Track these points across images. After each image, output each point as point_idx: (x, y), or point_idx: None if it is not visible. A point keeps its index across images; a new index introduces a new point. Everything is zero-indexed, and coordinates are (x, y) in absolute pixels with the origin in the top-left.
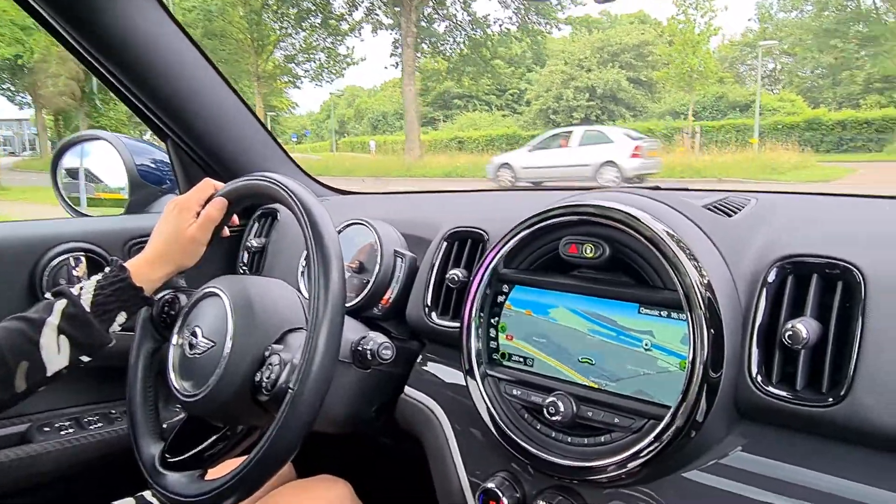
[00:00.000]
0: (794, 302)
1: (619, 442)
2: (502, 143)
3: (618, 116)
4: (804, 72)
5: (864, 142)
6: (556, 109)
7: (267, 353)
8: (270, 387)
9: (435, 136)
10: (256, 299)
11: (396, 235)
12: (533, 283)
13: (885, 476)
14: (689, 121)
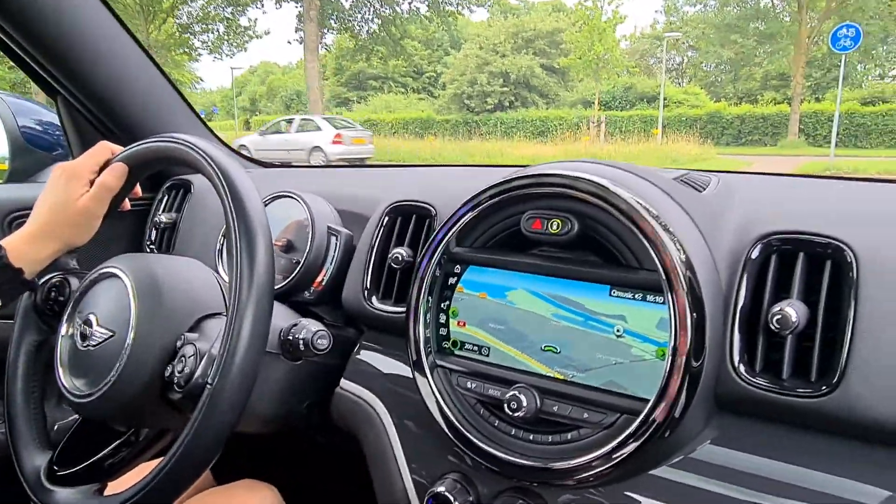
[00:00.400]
0: (777, 283)
1: (589, 439)
2: (416, 127)
3: (531, 103)
4: (707, 66)
5: (761, 136)
6: (471, 94)
7: (179, 344)
8: (184, 382)
9: (348, 117)
10: (165, 280)
11: (330, 210)
12: (489, 263)
13: (876, 470)
14: (595, 110)
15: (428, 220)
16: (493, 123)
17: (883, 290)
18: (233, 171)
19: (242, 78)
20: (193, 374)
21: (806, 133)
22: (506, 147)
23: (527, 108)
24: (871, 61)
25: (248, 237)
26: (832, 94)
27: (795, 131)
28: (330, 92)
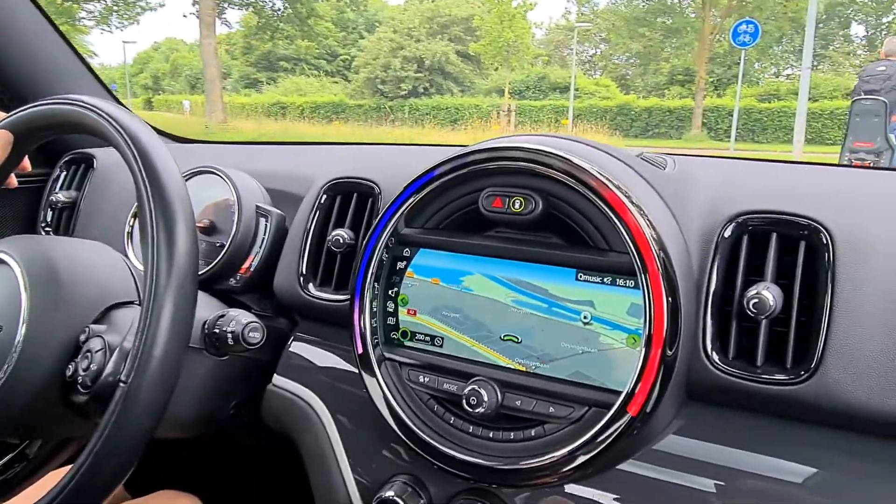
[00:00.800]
0: (748, 265)
1: (554, 435)
2: (328, 111)
3: (446, 90)
4: (618, 59)
5: (667, 129)
6: (384, 79)
7: (83, 338)
8: (90, 381)
9: (256, 100)
10: (63, 266)
11: (258, 188)
12: (442, 246)
13: (853, 458)
14: (505, 98)
15: (371, 199)
16: (406, 110)
17: (861, 272)
18: (146, 139)
19: (145, 54)
20: (102, 371)
21: (708, 127)
22: (416, 135)
23: (441, 95)
24: (768, 59)
25: (165, 216)
26: (733, 90)
27: (699, 125)
28: (238, 72)
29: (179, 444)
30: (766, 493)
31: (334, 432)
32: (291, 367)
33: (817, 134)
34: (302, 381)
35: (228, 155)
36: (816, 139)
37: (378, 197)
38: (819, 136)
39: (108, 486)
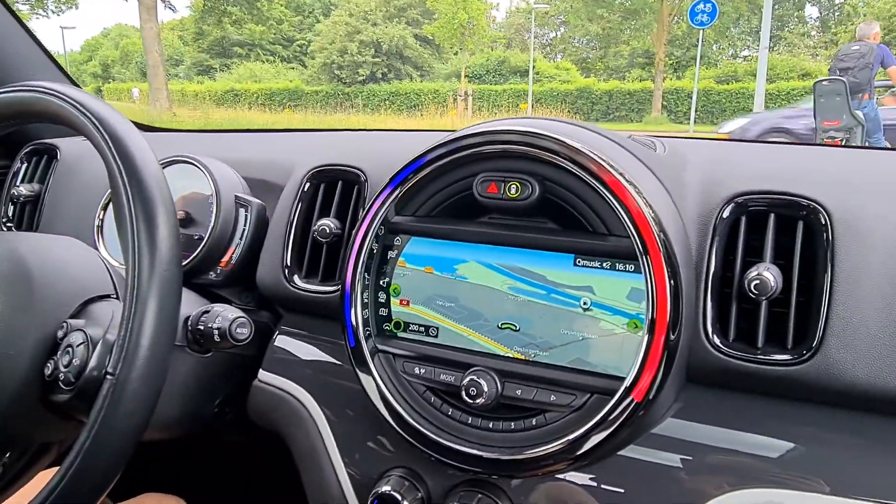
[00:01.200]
0: (746, 246)
1: (556, 424)
2: (283, 98)
3: (404, 75)
4: (579, 42)
5: (627, 112)
6: (341, 64)
7: (60, 334)
8: (74, 377)
9: (210, 87)
10: (33, 262)
11: (236, 178)
12: (434, 234)
13: (853, 436)
14: (462, 82)
15: (357, 186)
16: (365, 95)
17: (860, 252)
18: (120, 126)
19: (94, 41)
20: (85, 365)
21: (668, 109)
22: (371, 122)
23: (400, 80)
24: (725, 41)
25: (145, 208)
26: (692, 72)
27: (658, 108)
28: (191, 59)
29: (163, 445)
30: (767, 473)
31: (325, 427)
32: (277, 362)
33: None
34: (289, 376)
35: (203, 143)
36: None
37: (364, 185)
38: None
39: (100, 487)
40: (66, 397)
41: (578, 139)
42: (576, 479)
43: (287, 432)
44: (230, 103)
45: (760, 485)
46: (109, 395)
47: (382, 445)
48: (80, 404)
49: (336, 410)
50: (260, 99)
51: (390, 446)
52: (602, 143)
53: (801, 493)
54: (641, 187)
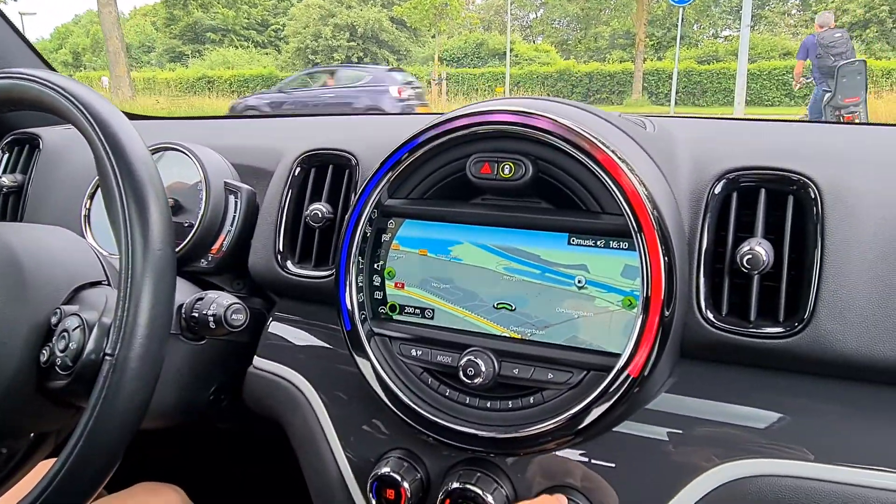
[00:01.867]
0: (738, 222)
1: (553, 401)
2: (257, 84)
3: (381, 59)
4: (558, 23)
5: (608, 94)
6: (316, 49)
7: (54, 320)
8: (71, 361)
9: (181, 74)
10: (22, 250)
11: (225, 164)
12: (428, 216)
13: (843, 405)
14: (435, 65)
15: (348, 170)
16: None
17: (849, 225)
18: (109, 113)
19: (64, 29)
20: (83, 348)
21: (649, 91)
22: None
23: (376, 64)
24: (706, 20)
25: (136, 195)
26: (673, 53)
27: (639, 89)
28: (163, 45)
29: (158, 434)
30: (755, 444)
31: (322, 412)
32: (272, 348)
33: (756, 95)
34: (284, 362)
35: (189, 130)
36: (755, 100)
37: (356, 168)
38: (758, 97)
39: (103, 471)
40: (63, 383)
41: (571, 118)
42: (572, 455)
43: (284, 418)
44: (202, 91)
45: (749, 455)
46: (109, 377)
47: (380, 428)
48: (78, 389)
49: (333, 395)
50: (233, 86)
51: (388, 429)
52: (594, 122)
53: (788, 461)
54: (634, 165)
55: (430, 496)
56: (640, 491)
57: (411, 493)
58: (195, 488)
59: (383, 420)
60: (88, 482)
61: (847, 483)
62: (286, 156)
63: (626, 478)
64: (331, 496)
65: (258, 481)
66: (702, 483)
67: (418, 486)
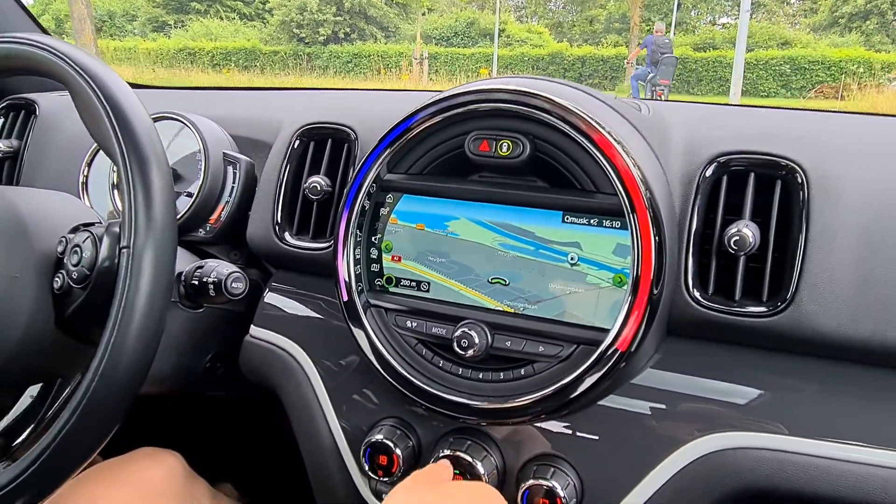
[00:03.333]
0: (726, 205)
1: (544, 374)
2: (240, 58)
3: (369, 36)
4: (554, 4)
5: (601, 79)
6: (301, 23)
7: (61, 248)
8: (88, 269)
9: (162, 45)
10: (20, 200)
11: (224, 135)
12: (426, 191)
13: (823, 383)
14: (417, 44)
15: (347, 144)
16: (326, 57)
17: (833, 210)
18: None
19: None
20: (96, 257)
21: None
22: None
23: (364, 41)
24: (705, 6)
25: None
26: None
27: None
28: (145, 14)
29: (157, 402)
30: (734, 418)
31: (317, 381)
32: (268, 318)
33: (752, 85)
34: (281, 331)
35: (186, 101)
36: (751, 90)
37: (355, 143)
38: (754, 87)
39: (141, 361)
40: (81, 299)
41: (569, 99)
42: (559, 426)
43: (279, 386)
44: (183, 63)
45: (728, 429)
46: (130, 263)
47: (374, 397)
48: (97, 302)
49: (327, 364)
50: (216, 58)
51: (382, 398)
52: (592, 103)
53: (764, 434)
54: (629, 147)
55: (422, 463)
56: (623, 461)
57: (403, 460)
58: (194, 455)
59: (377, 389)
60: (123, 376)
61: (819, 456)
62: (285, 128)
63: (611, 449)
64: (324, 462)
65: (254, 448)
66: (681, 455)
67: (410, 452)
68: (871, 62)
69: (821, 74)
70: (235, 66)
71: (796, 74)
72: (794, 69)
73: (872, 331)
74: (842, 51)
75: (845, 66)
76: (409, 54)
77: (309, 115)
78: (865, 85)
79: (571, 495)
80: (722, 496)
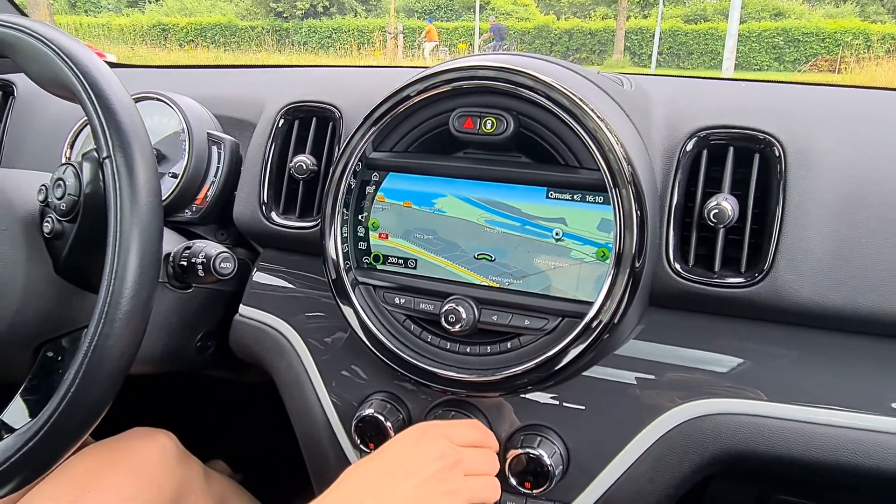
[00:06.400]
0: (706, 178)
1: (530, 346)
2: (215, 34)
3: (348, 10)
4: None
5: (588, 53)
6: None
7: (42, 196)
8: (76, 194)
9: (135, 21)
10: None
11: (207, 115)
12: (412, 169)
13: (800, 350)
14: (391, 17)
15: (332, 123)
16: (305, 32)
17: (809, 182)
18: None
19: None
20: (81, 180)
21: (631, 51)
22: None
23: (344, 15)
24: None
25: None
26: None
27: (621, 49)
28: None
29: (150, 382)
30: (716, 386)
31: (308, 358)
32: (257, 297)
33: (744, 58)
34: (270, 310)
35: (167, 80)
36: (743, 64)
37: (339, 121)
38: (746, 61)
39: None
40: (73, 234)
41: (552, 75)
42: (545, 397)
43: (270, 364)
44: (157, 40)
45: (707, 396)
46: (118, 171)
47: (364, 373)
48: (89, 231)
49: (317, 341)
50: (190, 35)
51: (371, 373)
52: (574, 79)
53: (744, 400)
54: (611, 123)
55: None
56: (607, 429)
57: (394, 433)
58: (187, 434)
59: (366, 365)
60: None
61: (795, 420)
62: (269, 107)
63: (596, 418)
64: (317, 437)
65: (247, 425)
66: (664, 422)
67: (400, 426)
68: (868, 34)
69: (815, 47)
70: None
71: (790, 47)
72: (787, 41)
73: (846, 298)
74: (837, 22)
75: (840, 37)
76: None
77: (293, 93)
78: (864, 58)
79: (558, 463)
80: (702, 460)
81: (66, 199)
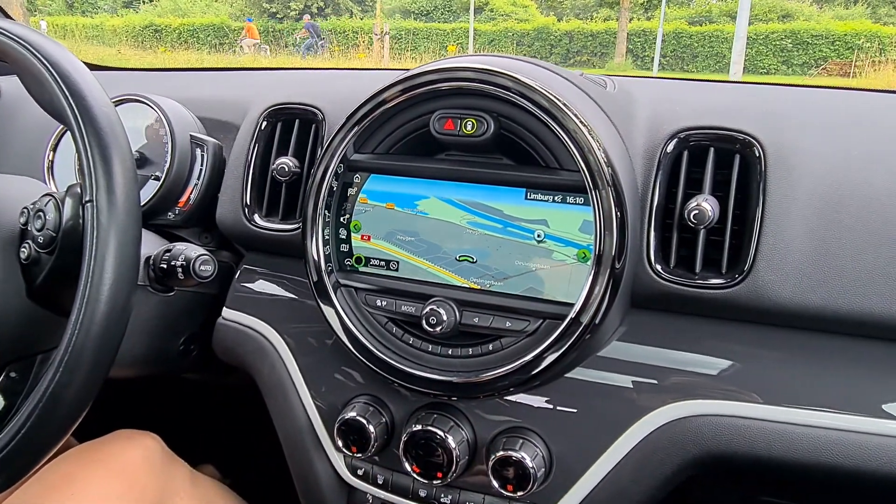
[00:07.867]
0: (687, 179)
1: (511, 348)
2: (208, 35)
3: (344, 11)
4: None
5: (589, 56)
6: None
7: (23, 220)
8: (53, 230)
9: (129, 22)
10: None
11: (190, 117)
12: (394, 171)
13: (780, 351)
14: (377, 18)
15: (315, 125)
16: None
17: (789, 183)
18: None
19: None
20: (62, 215)
21: (634, 54)
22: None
23: (339, 16)
24: None
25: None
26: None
27: (623, 52)
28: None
29: (134, 385)
30: (702, 387)
31: (290, 361)
32: (240, 300)
33: (751, 61)
34: (253, 313)
35: (151, 82)
36: (750, 67)
37: (322, 123)
38: (753, 64)
39: (105, 355)
40: (49, 264)
41: (532, 77)
42: (528, 399)
43: (253, 367)
44: (149, 41)
45: (688, 398)
46: (96, 220)
47: (346, 376)
48: (65, 263)
49: (300, 344)
50: (182, 36)
51: (354, 376)
52: (555, 81)
53: (725, 402)
54: (591, 124)
55: (395, 438)
56: (590, 431)
57: (376, 436)
58: (171, 437)
59: (349, 368)
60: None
61: (776, 421)
62: (252, 109)
63: (578, 420)
64: (300, 441)
65: (234, 429)
66: (645, 424)
67: (383, 429)
68: (879, 36)
69: (825, 49)
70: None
71: (798, 49)
72: (796, 44)
73: (825, 299)
74: (847, 24)
75: (851, 40)
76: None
77: (276, 95)
78: (879, 61)
79: (540, 465)
80: (684, 462)
81: (45, 234)
